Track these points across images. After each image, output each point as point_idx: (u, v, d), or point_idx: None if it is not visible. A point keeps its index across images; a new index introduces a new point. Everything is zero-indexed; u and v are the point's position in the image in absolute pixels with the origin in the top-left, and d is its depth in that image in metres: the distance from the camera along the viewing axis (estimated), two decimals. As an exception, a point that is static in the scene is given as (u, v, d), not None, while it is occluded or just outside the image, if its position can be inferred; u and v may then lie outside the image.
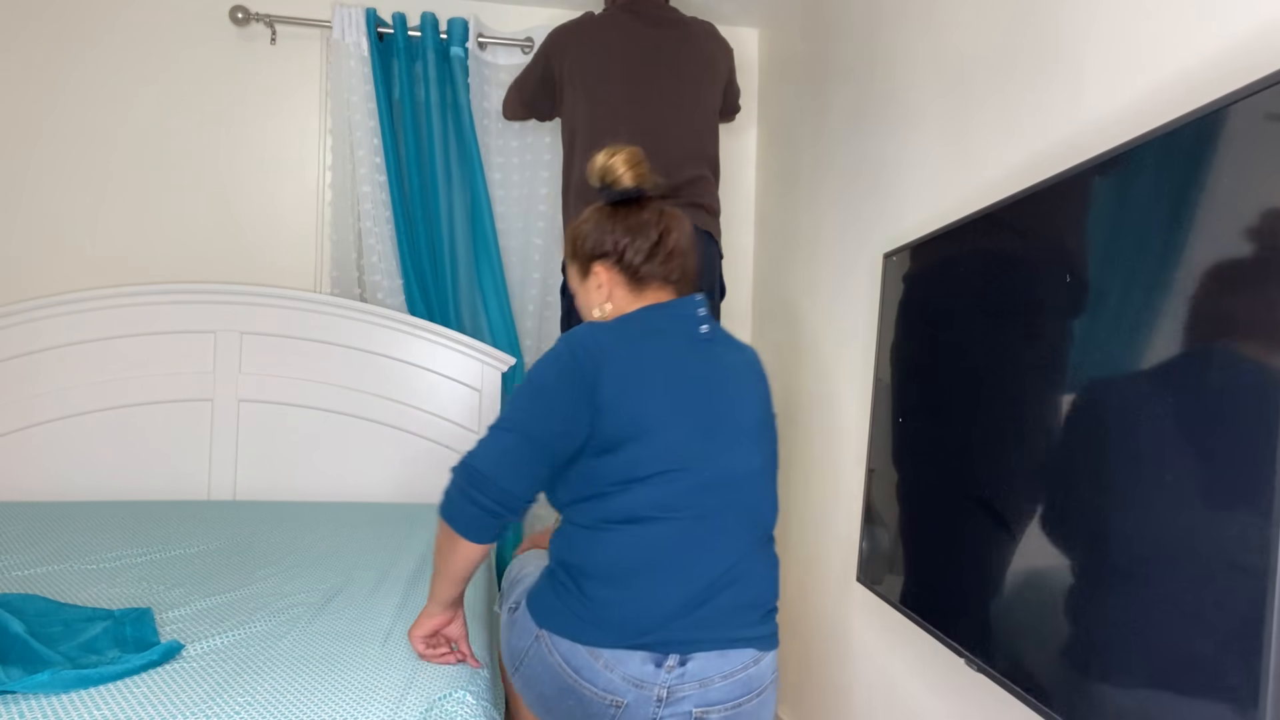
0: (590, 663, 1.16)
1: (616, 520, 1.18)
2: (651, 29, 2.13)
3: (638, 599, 1.17)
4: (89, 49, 2.52)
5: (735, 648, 1.19)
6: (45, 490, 2.35)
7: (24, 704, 1.08)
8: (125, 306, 2.39)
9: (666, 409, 1.20)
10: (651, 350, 1.22)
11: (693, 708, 1.17)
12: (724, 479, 1.21)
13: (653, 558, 1.17)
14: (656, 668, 1.15)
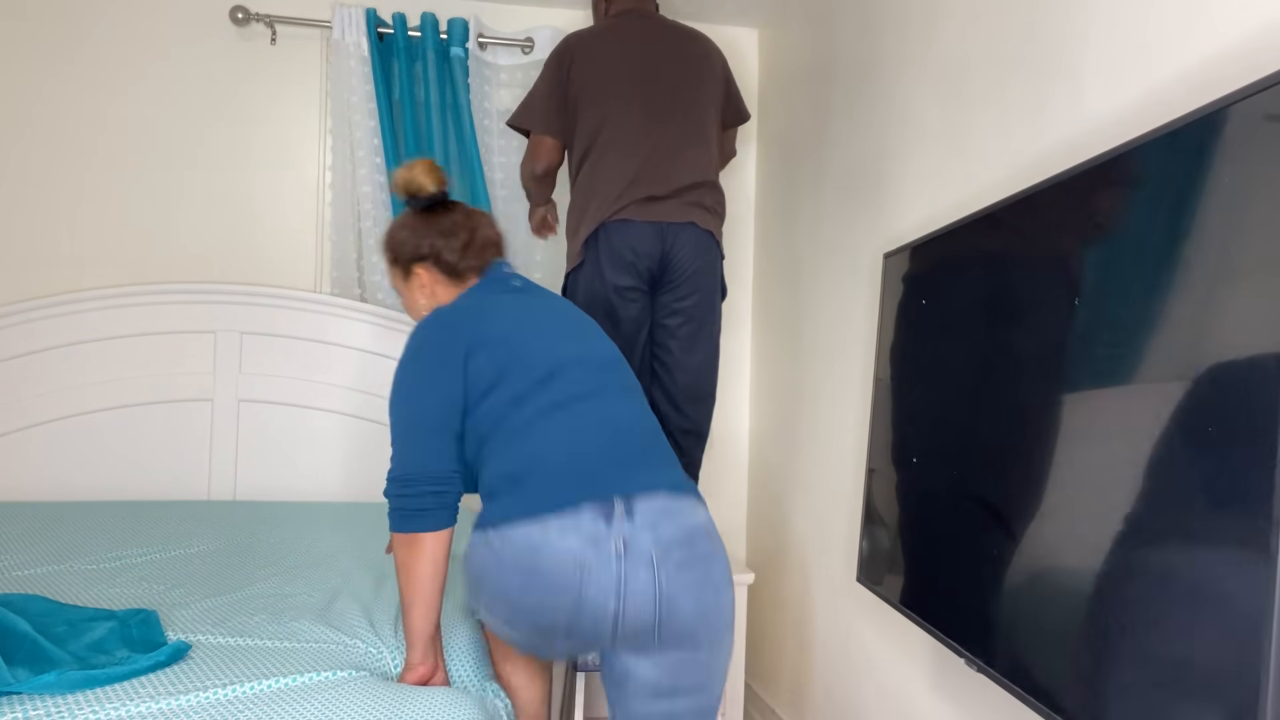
0: (544, 536, 1.20)
1: (515, 434, 1.28)
2: (653, 39, 2.12)
3: (561, 468, 1.25)
4: (89, 49, 2.52)
5: (667, 490, 1.27)
6: (45, 490, 2.35)
7: (28, 705, 1.08)
8: (125, 306, 2.39)
9: (515, 337, 1.35)
10: (485, 304, 1.39)
11: (651, 549, 1.21)
12: (580, 362, 1.35)
13: (561, 438, 1.27)
14: (607, 524, 1.20)
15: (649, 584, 1.20)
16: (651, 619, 1.21)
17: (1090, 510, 1.01)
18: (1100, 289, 1.02)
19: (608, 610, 1.20)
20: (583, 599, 1.19)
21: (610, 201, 1.97)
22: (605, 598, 1.19)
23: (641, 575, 1.20)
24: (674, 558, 1.22)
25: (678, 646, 1.24)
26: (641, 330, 2.04)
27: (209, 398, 2.43)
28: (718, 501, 2.93)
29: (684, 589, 1.22)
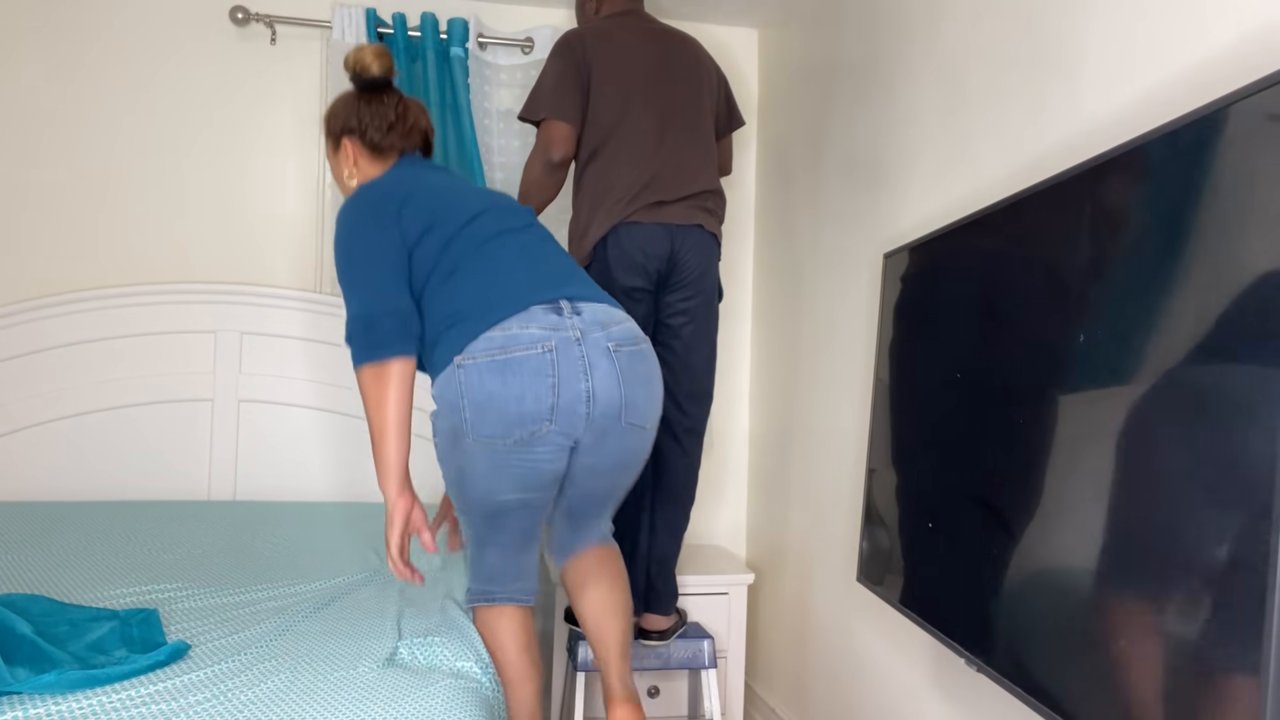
0: (507, 333, 1.32)
1: (450, 274, 1.40)
2: (656, 43, 2.11)
3: (499, 288, 1.37)
4: (88, 49, 2.52)
5: (605, 302, 1.44)
6: (44, 490, 2.35)
7: (30, 704, 1.08)
8: (125, 306, 2.40)
9: (439, 194, 1.48)
10: (408, 175, 1.52)
11: (605, 341, 1.37)
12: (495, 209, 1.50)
13: (492, 267, 1.40)
14: (559, 316, 1.35)
15: (611, 369, 1.36)
16: (617, 403, 1.37)
17: (1090, 510, 1.01)
18: (1099, 289, 1.02)
19: (581, 388, 1.32)
20: (558, 379, 1.31)
21: (622, 206, 1.98)
22: (576, 375, 1.32)
23: (602, 362, 1.35)
24: (625, 351, 1.39)
25: (637, 427, 1.41)
26: (645, 329, 2.04)
27: (209, 398, 2.43)
28: (718, 501, 2.93)
29: (638, 380, 1.40)
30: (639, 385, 1.40)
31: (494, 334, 1.32)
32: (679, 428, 2.09)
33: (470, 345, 1.32)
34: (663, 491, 2.09)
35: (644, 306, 2.02)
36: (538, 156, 2.05)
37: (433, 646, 1.36)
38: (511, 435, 1.32)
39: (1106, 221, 1.02)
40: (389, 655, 1.32)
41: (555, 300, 1.37)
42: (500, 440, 1.32)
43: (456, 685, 1.23)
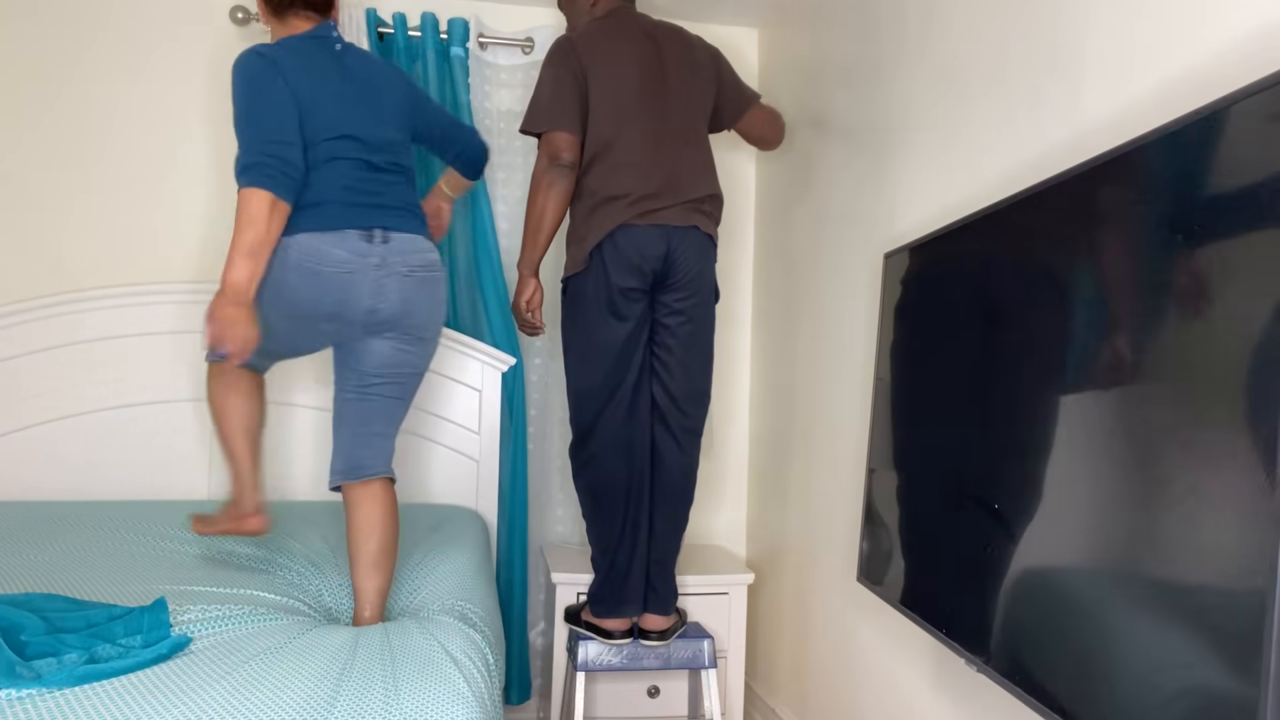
0: (320, 246, 1.61)
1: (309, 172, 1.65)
2: (652, 43, 2.10)
3: (335, 202, 1.64)
4: (88, 48, 2.52)
5: (414, 233, 1.71)
6: (44, 490, 2.35)
7: (30, 701, 1.08)
8: (125, 306, 2.40)
9: (318, 98, 1.67)
10: (304, 62, 1.69)
11: (401, 268, 1.67)
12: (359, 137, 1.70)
13: (336, 182, 1.66)
14: (368, 244, 1.64)
15: (398, 291, 1.67)
16: (399, 314, 1.68)
17: (1090, 510, 1.01)
18: (1099, 289, 1.02)
19: (364, 305, 1.64)
20: (348, 294, 1.63)
21: (618, 213, 1.98)
22: (363, 296, 1.64)
23: (392, 284, 1.66)
24: (417, 276, 1.70)
25: (415, 337, 1.74)
26: (643, 329, 2.04)
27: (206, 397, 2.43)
28: (718, 502, 2.94)
29: (421, 299, 1.71)
30: (422, 304, 1.71)
31: (310, 240, 1.61)
32: (677, 427, 2.08)
33: (297, 238, 1.61)
34: (662, 491, 2.09)
35: (640, 306, 2.02)
36: (543, 164, 2.04)
37: (431, 642, 1.36)
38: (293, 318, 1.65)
39: (1106, 221, 1.02)
40: (388, 651, 1.32)
41: (372, 228, 1.65)
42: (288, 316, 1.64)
43: (455, 680, 1.23)
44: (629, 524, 2.07)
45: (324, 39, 1.75)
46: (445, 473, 2.52)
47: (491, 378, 2.54)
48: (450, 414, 2.52)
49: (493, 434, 2.54)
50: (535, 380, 2.74)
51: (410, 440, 2.50)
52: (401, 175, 1.75)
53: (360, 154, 1.69)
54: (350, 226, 1.63)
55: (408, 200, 1.74)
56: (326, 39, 1.75)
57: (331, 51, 1.74)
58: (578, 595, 2.39)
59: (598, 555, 2.12)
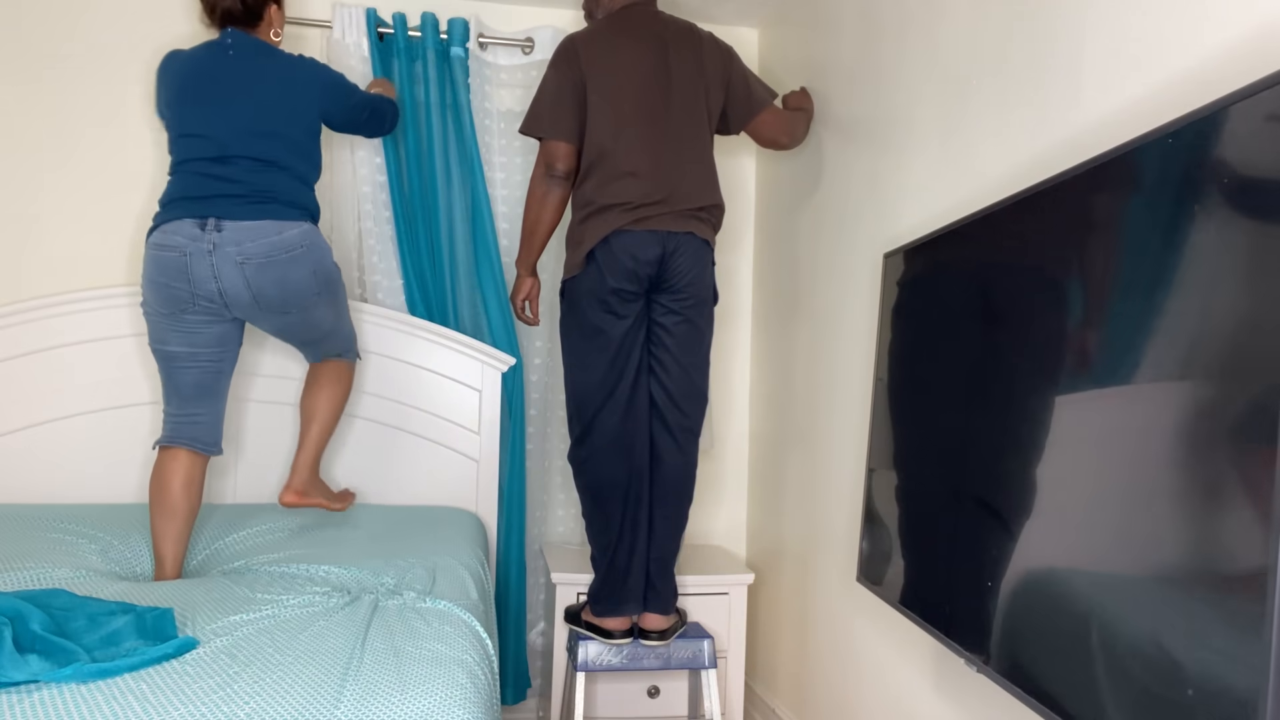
0: (161, 237, 1.81)
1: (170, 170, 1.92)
2: (656, 43, 2.09)
3: (177, 197, 1.84)
4: (87, 48, 2.52)
5: (256, 220, 1.82)
6: (43, 491, 2.35)
7: (31, 701, 1.08)
8: (125, 306, 2.39)
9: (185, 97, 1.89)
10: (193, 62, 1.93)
11: (235, 255, 1.79)
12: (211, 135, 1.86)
13: (180, 181, 1.86)
14: (202, 231, 1.79)
15: (239, 277, 1.80)
16: (248, 298, 1.82)
17: (1089, 510, 1.01)
18: (1098, 290, 1.02)
19: (211, 288, 1.80)
20: (191, 278, 1.79)
21: (614, 219, 1.98)
22: (206, 279, 1.79)
23: (230, 270, 1.79)
24: (255, 263, 1.80)
25: (278, 312, 1.88)
26: (640, 329, 2.04)
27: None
28: (718, 502, 2.94)
29: (267, 281, 1.82)
30: (269, 285, 1.83)
31: (155, 234, 1.82)
32: (676, 427, 2.09)
33: (152, 232, 1.84)
34: (661, 490, 2.10)
35: (636, 306, 2.02)
36: (540, 171, 2.13)
37: (433, 642, 1.36)
38: (163, 315, 1.83)
39: (1106, 222, 1.02)
40: (390, 653, 1.32)
41: (206, 217, 1.80)
42: (155, 309, 1.83)
43: (459, 680, 1.23)
44: (628, 523, 2.07)
45: (217, 44, 1.95)
46: (445, 473, 2.51)
47: (491, 378, 2.54)
48: (450, 414, 2.52)
49: (492, 434, 2.54)
50: (535, 380, 2.74)
51: (410, 440, 2.50)
52: (260, 166, 1.88)
53: (205, 151, 1.86)
54: (183, 216, 1.81)
55: (262, 190, 1.86)
56: (220, 44, 1.94)
57: (221, 56, 1.92)
58: (578, 595, 2.39)
59: (597, 554, 2.12)
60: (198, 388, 1.88)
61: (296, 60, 1.99)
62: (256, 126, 1.88)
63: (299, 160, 1.94)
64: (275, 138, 1.90)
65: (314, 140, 2.01)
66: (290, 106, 1.94)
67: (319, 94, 2.00)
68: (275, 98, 1.92)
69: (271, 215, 1.84)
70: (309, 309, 1.91)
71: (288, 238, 1.84)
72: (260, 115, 1.89)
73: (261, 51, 1.96)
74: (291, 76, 1.96)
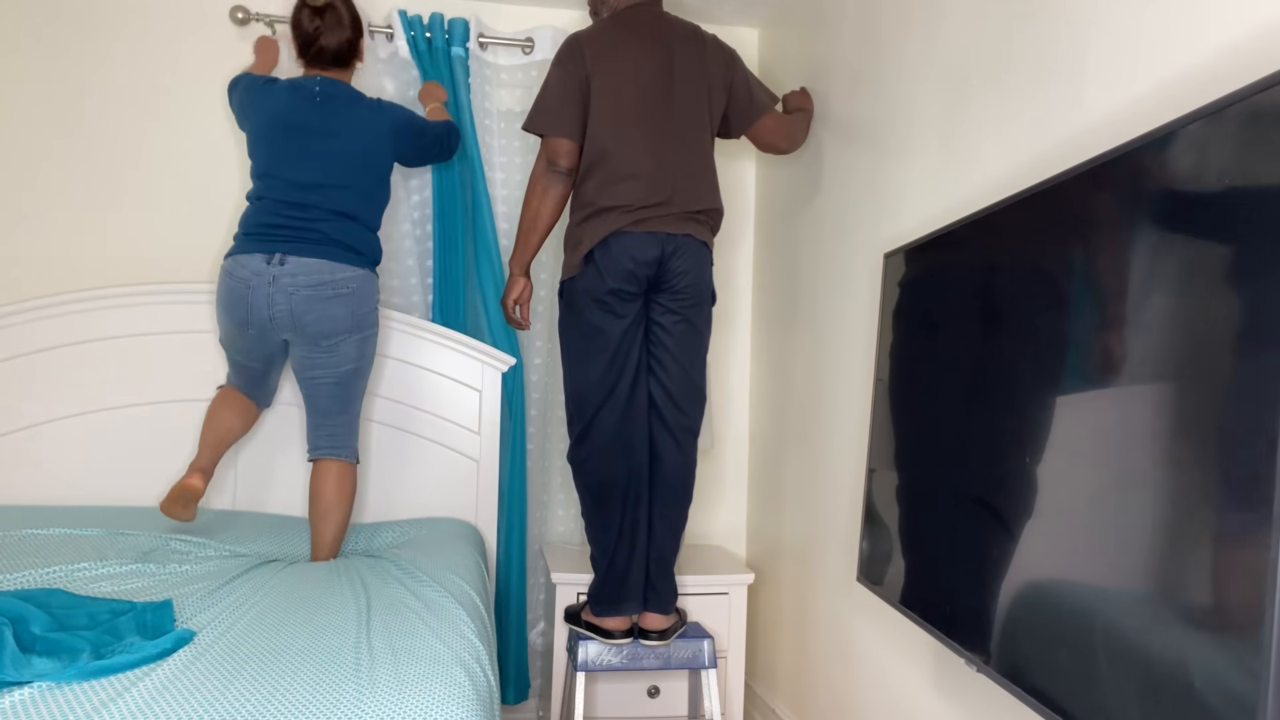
0: (233, 265, 2.03)
1: (249, 200, 2.12)
2: (660, 43, 2.08)
3: (253, 230, 2.05)
4: (87, 49, 2.52)
5: (316, 258, 2.03)
6: (43, 491, 2.35)
7: (32, 700, 1.08)
8: (125, 306, 2.39)
9: (269, 137, 2.09)
10: (283, 100, 2.11)
11: (289, 287, 2.00)
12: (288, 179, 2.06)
13: (256, 215, 2.06)
14: (266, 265, 2.00)
15: (287, 303, 2.01)
16: (290, 322, 2.02)
17: (1089, 510, 1.01)
18: (1098, 290, 1.02)
19: (264, 314, 2.01)
20: (251, 305, 2.01)
21: (613, 220, 1.98)
22: (261, 306, 2.01)
23: (282, 298, 2.00)
24: (303, 294, 2.01)
25: (311, 343, 2.06)
26: (638, 328, 2.04)
27: (209, 398, 2.43)
28: (718, 502, 2.93)
29: (310, 311, 2.02)
30: (309, 315, 2.02)
31: (228, 263, 2.04)
32: (675, 427, 2.09)
33: (226, 257, 2.06)
34: (661, 490, 2.10)
35: (635, 305, 2.02)
36: (542, 166, 2.12)
37: (434, 642, 1.36)
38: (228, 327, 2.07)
39: (1107, 222, 1.02)
40: (389, 651, 1.32)
41: (274, 253, 2.01)
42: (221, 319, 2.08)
43: (459, 680, 1.23)
44: (628, 522, 2.07)
45: (304, 88, 2.11)
46: (445, 473, 2.51)
47: (491, 378, 2.54)
48: (450, 414, 2.52)
49: (493, 434, 2.54)
50: (535, 380, 2.74)
51: (410, 440, 2.50)
52: (332, 215, 2.07)
53: (283, 194, 2.05)
54: (256, 250, 2.02)
55: (327, 234, 2.05)
56: (307, 89, 2.11)
57: (308, 100, 2.09)
58: (578, 595, 2.39)
59: (597, 554, 2.12)
60: (249, 381, 2.18)
61: (377, 107, 2.15)
62: (332, 179, 2.07)
63: (368, 206, 2.13)
64: (349, 189, 2.08)
65: (385, 183, 2.19)
66: (366, 157, 2.11)
67: (394, 142, 2.17)
68: (353, 150, 2.09)
69: (332, 257, 2.04)
70: (337, 346, 2.07)
71: (340, 278, 2.04)
72: (337, 168, 2.07)
73: (348, 100, 2.12)
74: (373, 127, 2.12)
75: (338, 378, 2.10)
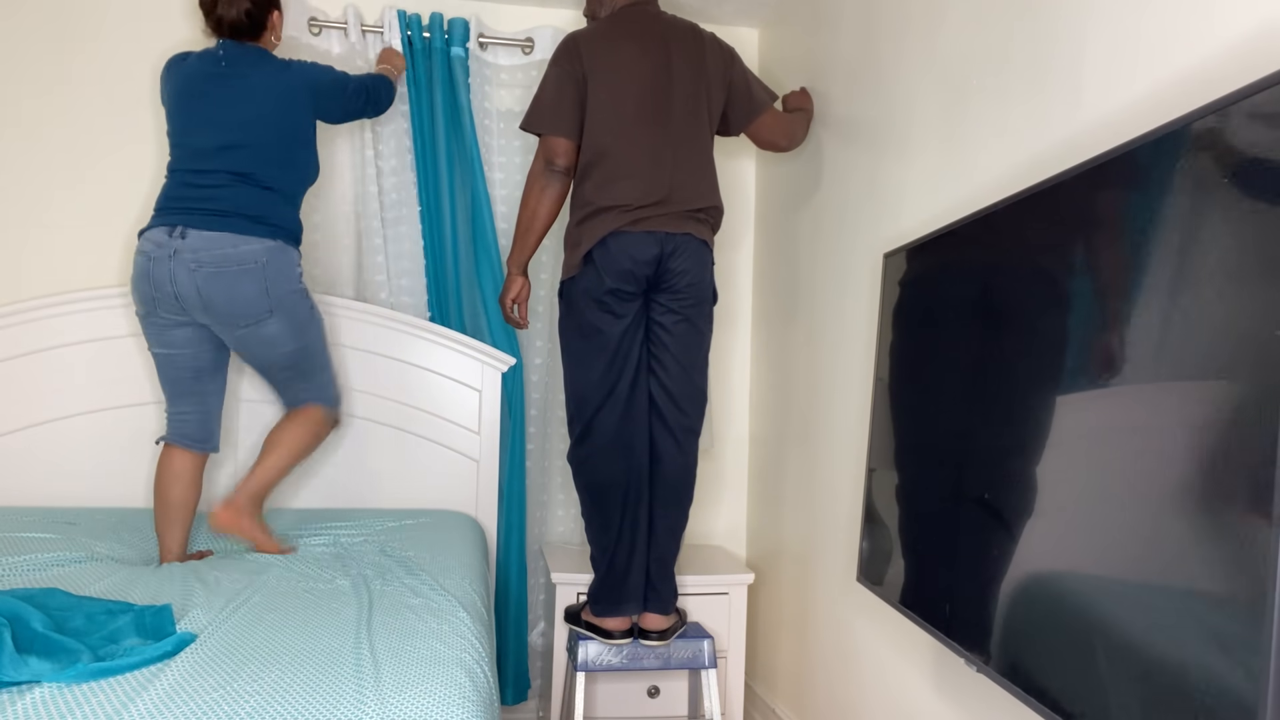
0: (141, 243, 1.94)
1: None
2: (658, 43, 2.08)
3: (161, 207, 1.97)
4: (88, 48, 2.52)
5: (219, 231, 1.91)
6: (42, 492, 2.35)
7: (33, 697, 1.08)
8: (126, 306, 2.39)
9: (178, 112, 2.00)
10: (191, 75, 2.02)
11: (190, 261, 1.89)
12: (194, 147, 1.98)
13: (166, 189, 1.99)
14: (168, 238, 1.91)
15: (191, 282, 1.90)
16: (199, 303, 1.91)
17: (1089, 510, 1.01)
18: (1098, 289, 1.02)
19: (168, 291, 1.91)
20: (153, 281, 1.91)
21: (612, 220, 1.98)
22: (164, 282, 1.90)
23: (184, 276, 1.89)
24: (206, 270, 1.90)
25: (229, 324, 1.95)
26: (638, 328, 2.04)
27: (209, 398, 2.43)
28: (718, 502, 2.94)
29: (216, 290, 1.91)
30: (217, 295, 1.91)
31: (141, 239, 1.95)
32: (676, 427, 2.09)
33: (139, 235, 1.97)
34: (661, 490, 2.10)
35: (634, 305, 2.02)
36: (539, 165, 2.12)
37: (433, 642, 1.36)
38: (138, 310, 1.98)
39: (1105, 222, 1.02)
40: (388, 651, 1.32)
41: (175, 225, 1.91)
42: (137, 308, 1.98)
43: (459, 679, 1.23)
44: (628, 523, 2.07)
45: (211, 55, 2.03)
46: (445, 473, 2.51)
47: (491, 378, 2.54)
48: (450, 414, 2.52)
49: (493, 434, 2.54)
50: (535, 380, 2.74)
51: (410, 440, 2.50)
52: (234, 180, 1.96)
53: (188, 162, 1.97)
54: (159, 224, 1.94)
55: (230, 205, 1.94)
56: (213, 55, 2.03)
57: (213, 67, 2.00)
58: (578, 595, 2.39)
59: (597, 554, 2.12)
60: (176, 385, 2.00)
61: (284, 67, 2.03)
62: (236, 140, 1.96)
63: (280, 173, 2.00)
64: (255, 152, 1.97)
65: (303, 148, 2.05)
66: (276, 118, 2.00)
67: (310, 99, 2.05)
68: (260, 111, 1.98)
69: (233, 229, 1.92)
70: (259, 325, 1.95)
71: (242, 251, 1.92)
72: (241, 129, 1.96)
73: (253, 62, 2.02)
74: (279, 86, 2.01)
75: (279, 358, 2.01)
